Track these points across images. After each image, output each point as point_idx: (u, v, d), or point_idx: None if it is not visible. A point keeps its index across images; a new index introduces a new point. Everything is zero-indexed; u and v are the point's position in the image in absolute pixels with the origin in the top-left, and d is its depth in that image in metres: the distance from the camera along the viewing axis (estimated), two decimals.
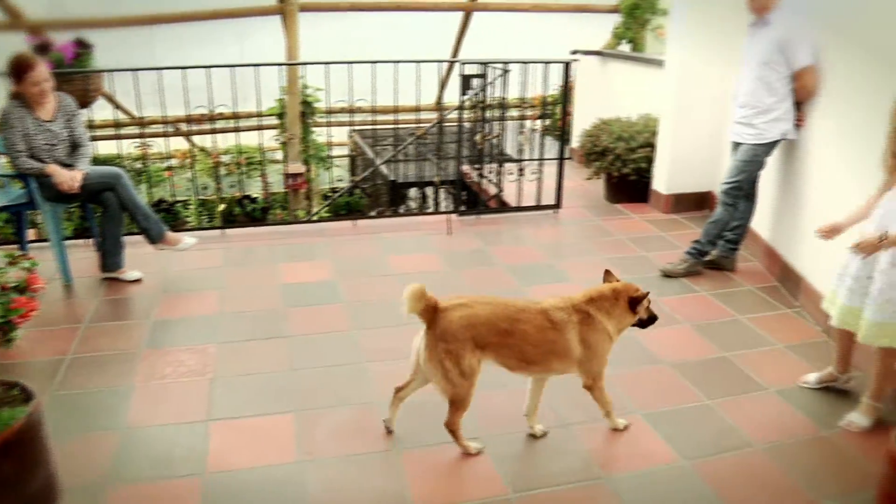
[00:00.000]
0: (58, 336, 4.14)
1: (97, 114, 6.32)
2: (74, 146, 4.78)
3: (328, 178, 8.56)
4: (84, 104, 5.45)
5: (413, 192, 10.02)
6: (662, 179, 6.40)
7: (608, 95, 7.93)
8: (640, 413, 3.42)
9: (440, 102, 9.23)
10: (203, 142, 8.71)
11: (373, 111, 6.38)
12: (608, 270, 3.25)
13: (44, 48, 5.65)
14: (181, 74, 5.68)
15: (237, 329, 4.26)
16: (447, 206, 7.91)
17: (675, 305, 4.58)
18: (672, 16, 6.44)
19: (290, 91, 7.55)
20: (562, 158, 6.53)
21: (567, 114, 7.10)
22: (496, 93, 6.56)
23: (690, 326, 4.27)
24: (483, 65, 6.48)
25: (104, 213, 4.82)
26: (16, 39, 6.37)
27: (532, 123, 8.11)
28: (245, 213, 7.00)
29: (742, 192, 4.92)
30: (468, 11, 9.62)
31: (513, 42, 9.60)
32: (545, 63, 6.33)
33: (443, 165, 7.98)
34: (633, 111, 6.89)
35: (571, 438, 3.25)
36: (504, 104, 6.65)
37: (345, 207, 7.67)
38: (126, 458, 3.08)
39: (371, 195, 8.93)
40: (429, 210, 8.91)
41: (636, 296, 3.07)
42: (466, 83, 6.37)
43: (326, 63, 6.16)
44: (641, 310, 3.11)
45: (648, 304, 3.15)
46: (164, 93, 5.84)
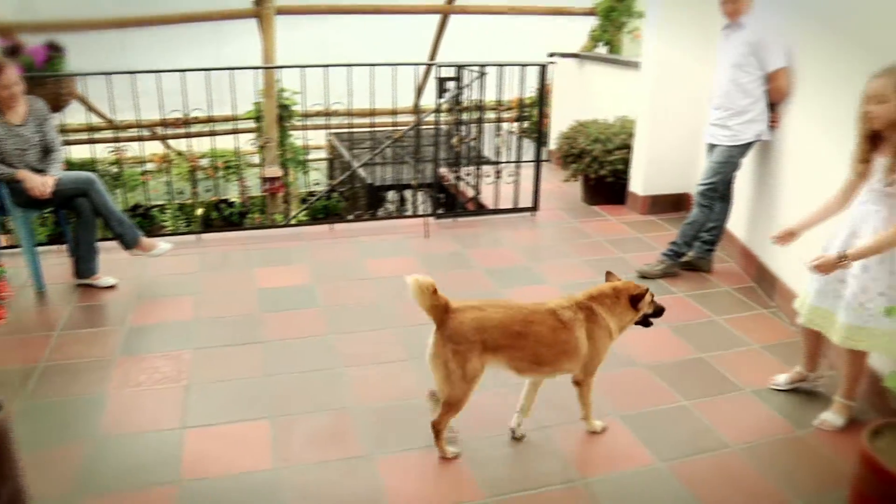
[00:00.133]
0: (30, 343, 4.08)
1: (71, 118, 6.25)
2: (46, 151, 4.71)
3: (304, 182, 8.53)
4: (56, 108, 5.38)
5: (391, 195, 10.00)
6: (639, 181, 6.44)
7: (585, 98, 7.97)
8: (617, 415, 3.43)
9: (417, 105, 9.20)
10: (178, 146, 8.64)
11: (349, 114, 6.36)
12: (609, 271, 3.33)
13: (14, 51, 5.55)
14: (155, 78, 5.63)
15: (213, 335, 4.22)
16: (425, 209, 7.89)
17: None
18: (647, 18, 6.48)
19: (267, 94, 7.52)
20: (539, 161, 6.54)
21: (544, 116, 7.12)
22: (473, 95, 6.56)
23: (667, 328, 4.28)
24: (459, 68, 6.48)
25: (77, 219, 4.75)
26: None
27: (509, 126, 8.12)
28: (222, 218, 6.96)
29: (718, 194, 4.95)
30: (445, 14, 9.63)
31: (490, 45, 9.61)
32: (521, 66, 6.34)
33: (420, 168, 7.96)
34: (610, 113, 6.93)
35: (548, 441, 3.25)
36: (481, 107, 6.65)
37: (322, 211, 7.65)
38: (99, 468, 3.04)
39: (349, 198, 8.90)
40: (407, 213, 8.89)
41: (637, 293, 3.14)
42: (442, 86, 6.36)
43: (302, 66, 6.12)
44: (644, 305, 3.17)
45: (652, 299, 3.22)
46: (139, 97, 5.76)
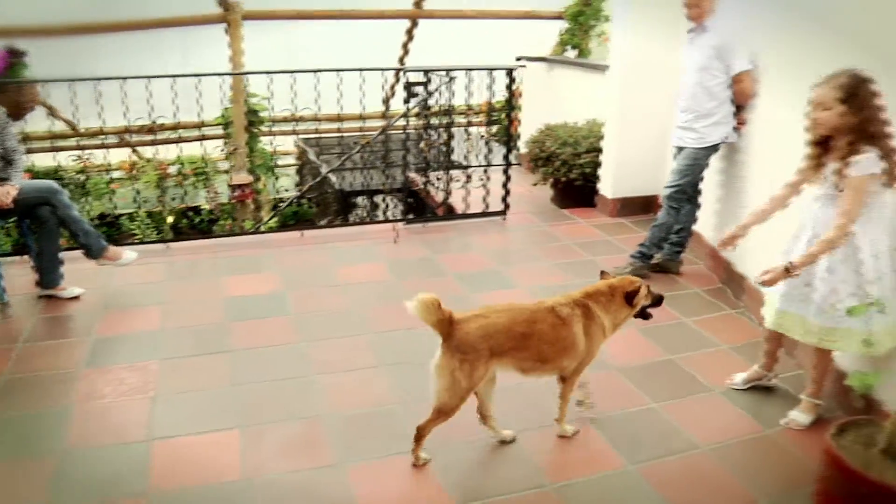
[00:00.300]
0: None
1: (34, 125, 6.14)
2: (6, 160, 4.62)
3: (274, 189, 8.47)
4: (17, 116, 5.27)
5: (362, 201, 9.97)
6: (608, 184, 6.48)
7: (554, 101, 7.99)
8: (588, 418, 3.44)
9: (386, 110, 9.20)
10: (145, 153, 8.54)
11: (316, 120, 6.32)
12: (604, 271, 3.38)
13: None
14: (120, 85, 5.55)
15: (180, 345, 4.16)
16: (395, 215, 7.87)
17: None
18: (615, 22, 6.52)
19: (236, 100, 7.46)
20: (508, 164, 6.55)
21: (513, 120, 7.13)
22: (442, 100, 6.56)
23: (636, 330, 4.29)
24: (428, 72, 6.47)
25: (41, 229, 4.67)
26: None
27: (478, 130, 8.13)
28: (192, 225, 6.89)
29: (685, 196, 4.99)
30: (413, 19, 9.63)
31: (460, 49, 9.60)
32: (490, 70, 6.35)
33: (390, 173, 7.95)
34: (579, 116, 6.96)
35: (518, 446, 3.24)
36: (450, 111, 6.65)
37: (293, 217, 7.60)
38: (66, 482, 2.98)
39: (319, 204, 8.86)
40: (377, 218, 8.86)
41: (631, 290, 3.18)
42: (411, 91, 6.34)
43: (269, 73, 6.08)
44: (640, 300, 3.20)
45: (648, 291, 3.24)
46: (103, 103, 5.67)
